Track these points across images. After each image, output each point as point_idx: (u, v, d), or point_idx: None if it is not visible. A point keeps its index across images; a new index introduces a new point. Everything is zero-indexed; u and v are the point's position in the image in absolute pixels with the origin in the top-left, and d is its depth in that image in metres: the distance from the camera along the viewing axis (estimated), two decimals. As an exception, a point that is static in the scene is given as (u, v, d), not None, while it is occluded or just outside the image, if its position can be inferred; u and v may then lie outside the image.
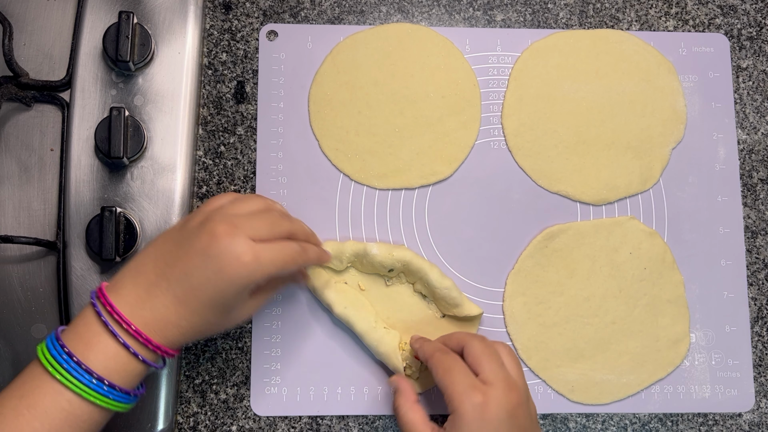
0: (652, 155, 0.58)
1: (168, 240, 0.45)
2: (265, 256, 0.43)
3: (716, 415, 0.55)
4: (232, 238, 0.42)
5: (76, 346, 0.41)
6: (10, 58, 0.53)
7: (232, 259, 0.42)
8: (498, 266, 0.56)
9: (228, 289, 0.43)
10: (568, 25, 0.60)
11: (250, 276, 0.43)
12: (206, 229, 0.43)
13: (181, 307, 0.42)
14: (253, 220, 0.44)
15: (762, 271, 0.57)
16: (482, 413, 0.43)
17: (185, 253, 0.43)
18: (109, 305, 0.42)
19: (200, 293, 0.42)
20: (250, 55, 0.58)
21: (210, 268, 0.42)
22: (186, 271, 0.42)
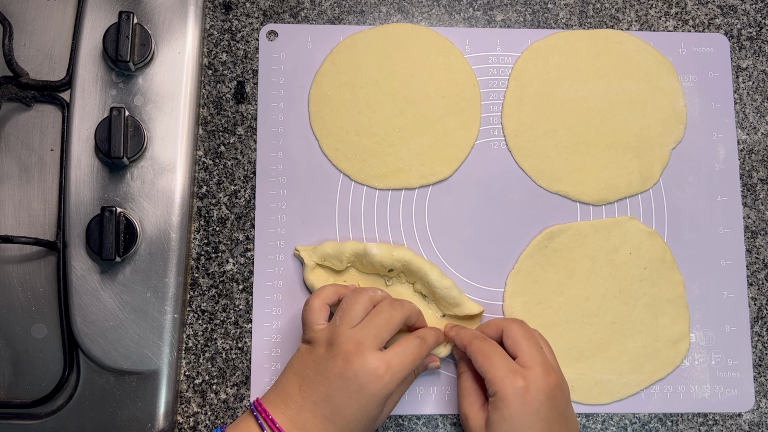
0: (652, 155, 0.58)
1: (304, 362, 0.48)
2: (395, 362, 0.47)
3: (716, 415, 0.55)
4: (363, 356, 0.46)
5: None
6: (10, 58, 0.53)
7: (369, 376, 0.46)
8: (498, 266, 0.56)
9: (370, 404, 0.46)
10: (568, 25, 0.60)
11: (387, 386, 0.46)
12: (337, 354, 0.46)
13: (329, 425, 0.46)
14: (371, 328, 0.47)
15: (762, 271, 0.57)
16: (523, 396, 0.46)
17: (324, 378, 0.46)
18: (270, 421, 0.46)
19: (346, 411, 0.46)
20: (250, 55, 0.58)
21: (351, 389, 0.46)
22: (329, 394, 0.46)
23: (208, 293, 0.55)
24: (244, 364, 0.55)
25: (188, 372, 0.54)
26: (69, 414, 0.52)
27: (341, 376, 0.46)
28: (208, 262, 0.56)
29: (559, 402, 0.47)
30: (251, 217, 0.56)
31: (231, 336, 0.55)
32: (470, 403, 0.50)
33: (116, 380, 0.52)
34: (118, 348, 0.52)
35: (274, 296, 0.55)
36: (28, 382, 0.53)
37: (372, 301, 0.49)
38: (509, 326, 0.50)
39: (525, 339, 0.49)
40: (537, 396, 0.46)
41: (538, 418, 0.45)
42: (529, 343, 0.49)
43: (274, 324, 0.55)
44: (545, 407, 0.46)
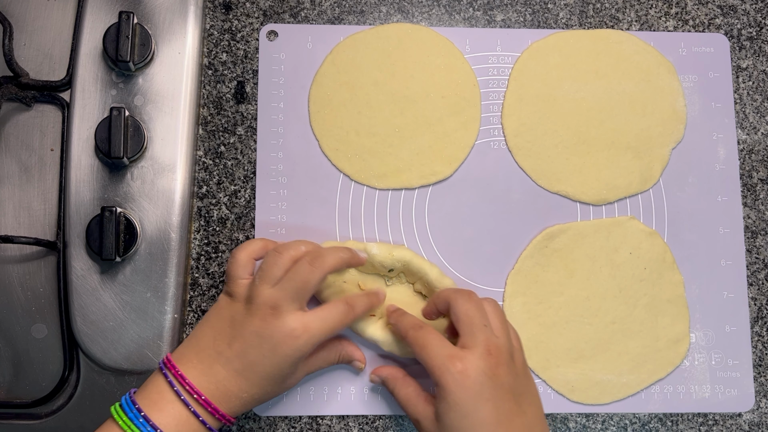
0: (652, 155, 0.58)
1: (221, 316, 0.48)
2: (314, 327, 0.47)
3: (716, 415, 0.55)
4: (280, 317, 0.46)
5: (147, 408, 0.45)
6: (10, 58, 0.53)
7: (285, 337, 0.46)
8: (498, 266, 0.56)
9: (283, 363, 0.47)
10: (568, 25, 0.60)
11: (302, 348, 0.47)
12: (254, 313, 0.47)
13: (242, 380, 0.46)
14: (289, 290, 0.47)
15: (762, 271, 0.57)
16: (463, 381, 0.45)
17: (240, 335, 0.47)
18: (180, 376, 0.46)
19: (258, 368, 0.46)
20: (250, 55, 0.58)
21: (265, 347, 0.46)
22: (243, 350, 0.46)
23: (208, 293, 0.55)
24: (244, 364, 0.55)
25: (188, 372, 0.54)
26: (69, 414, 0.52)
27: (257, 334, 0.46)
28: (208, 262, 0.56)
29: (503, 380, 0.45)
30: (251, 217, 0.56)
31: (231, 336, 0.55)
32: (415, 406, 0.48)
33: (116, 380, 0.52)
34: (118, 348, 0.52)
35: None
36: (28, 382, 0.53)
37: (292, 260, 0.49)
38: (454, 302, 0.48)
39: (467, 316, 0.47)
40: (477, 378, 0.45)
41: (483, 399, 0.44)
42: (471, 321, 0.47)
43: (274, 324, 0.55)
44: (488, 388, 0.45)
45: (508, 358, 0.47)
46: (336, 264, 0.50)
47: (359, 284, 0.55)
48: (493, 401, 0.45)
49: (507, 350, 0.47)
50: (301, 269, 0.48)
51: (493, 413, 0.44)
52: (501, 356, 0.46)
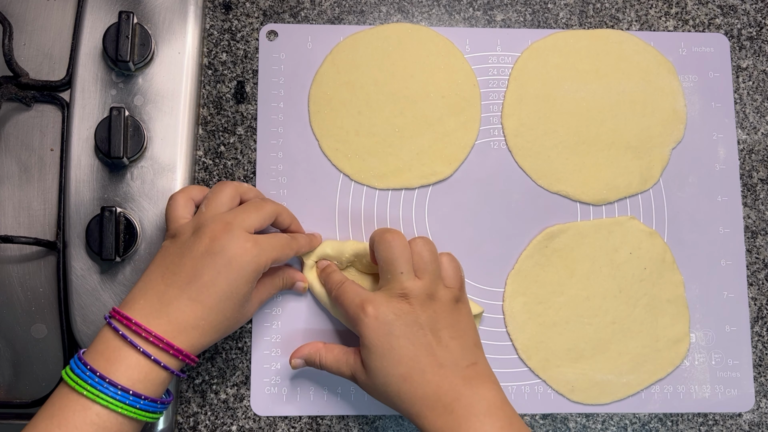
0: (652, 155, 0.58)
1: (167, 254, 0.47)
2: (264, 242, 0.47)
3: (716, 415, 0.55)
4: (231, 232, 0.45)
5: (98, 363, 0.43)
6: (10, 58, 0.53)
7: (237, 249, 0.45)
8: (498, 266, 0.56)
9: (239, 278, 0.45)
10: (568, 25, 0.60)
11: (256, 261, 0.46)
12: (204, 233, 0.46)
13: (197, 306, 0.44)
14: (240, 212, 0.47)
15: (762, 271, 0.57)
16: (373, 322, 0.46)
17: (190, 258, 0.45)
18: (125, 319, 0.43)
19: (214, 288, 0.44)
20: (250, 55, 0.58)
21: (219, 262, 0.45)
22: (195, 272, 0.45)
23: (208, 293, 0.55)
24: (244, 364, 0.55)
25: (188, 372, 0.54)
26: (69, 414, 0.52)
27: (208, 252, 0.45)
28: (208, 262, 0.56)
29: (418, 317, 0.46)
30: (251, 217, 0.56)
31: (231, 336, 0.55)
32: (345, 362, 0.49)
33: (116, 380, 0.52)
34: (118, 348, 0.52)
35: (274, 297, 0.55)
36: (28, 382, 0.53)
37: (238, 192, 0.49)
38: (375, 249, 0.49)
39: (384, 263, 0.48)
40: (386, 317, 0.46)
41: (394, 336, 0.45)
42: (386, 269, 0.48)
43: (274, 324, 0.55)
44: (399, 325, 0.46)
45: (425, 298, 0.47)
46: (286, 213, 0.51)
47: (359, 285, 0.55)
48: (406, 337, 0.46)
49: (424, 291, 0.47)
50: (254, 200, 0.49)
51: (409, 349, 0.45)
52: (416, 297, 0.47)
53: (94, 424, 0.41)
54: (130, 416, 0.42)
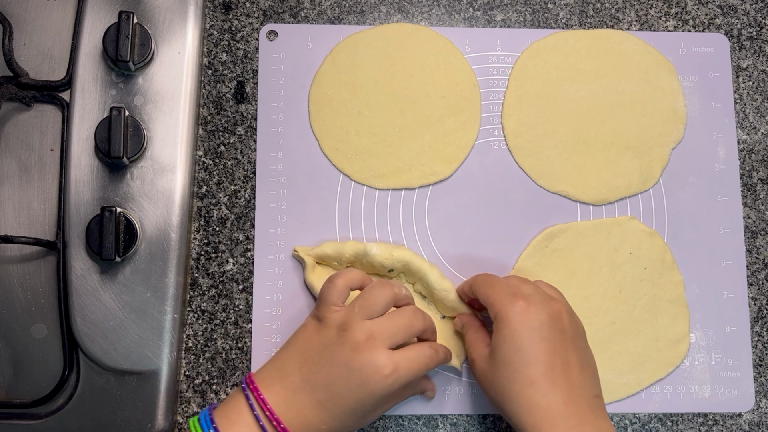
0: (652, 155, 0.58)
1: (309, 345, 0.47)
2: (403, 366, 0.46)
3: (716, 415, 0.55)
4: (373, 351, 0.45)
5: (224, 427, 0.45)
6: (10, 58, 0.53)
7: (374, 373, 0.45)
8: (498, 266, 0.56)
9: (368, 400, 0.45)
10: (568, 25, 0.60)
11: (390, 387, 0.45)
12: (347, 341, 0.45)
13: (323, 411, 0.45)
14: (389, 326, 0.46)
15: (762, 271, 0.57)
16: (524, 314, 0.45)
17: (328, 363, 0.46)
18: (262, 401, 0.45)
19: (342, 402, 0.45)
20: (250, 55, 0.58)
21: (353, 380, 0.45)
22: (330, 380, 0.45)
23: (208, 293, 0.55)
24: (244, 364, 0.55)
25: (188, 372, 0.54)
26: (69, 414, 0.52)
27: (346, 366, 0.45)
28: (208, 262, 0.56)
29: (565, 325, 0.46)
30: (251, 217, 0.56)
31: (231, 336, 0.55)
32: (476, 347, 0.48)
33: (116, 380, 0.52)
34: (118, 348, 0.52)
35: (274, 296, 0.55)
36: (28, 382, 0.53)
37: (395, 298, 0.48)
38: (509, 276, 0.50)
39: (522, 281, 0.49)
40: (538, 315, 0.45)
41: (540, 337, 0.44)
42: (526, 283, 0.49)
43: (274, 324, 0.55)
44: (548, 327, 0.45)
45: (571, 311, 0.48)
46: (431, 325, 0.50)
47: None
48: (551, 342, 0.44)
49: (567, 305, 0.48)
50: (407, 312, 0.48)
51: (549, 355, 0.44)
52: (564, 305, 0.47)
53: None
54: None
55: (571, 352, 0.45)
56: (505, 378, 0.45)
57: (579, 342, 0.47)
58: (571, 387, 0.44)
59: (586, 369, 0.46)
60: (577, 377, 0.45)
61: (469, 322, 0.52)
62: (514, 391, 0.44)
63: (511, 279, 0.50)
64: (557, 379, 0.44)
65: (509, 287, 0.48)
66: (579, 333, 0.48)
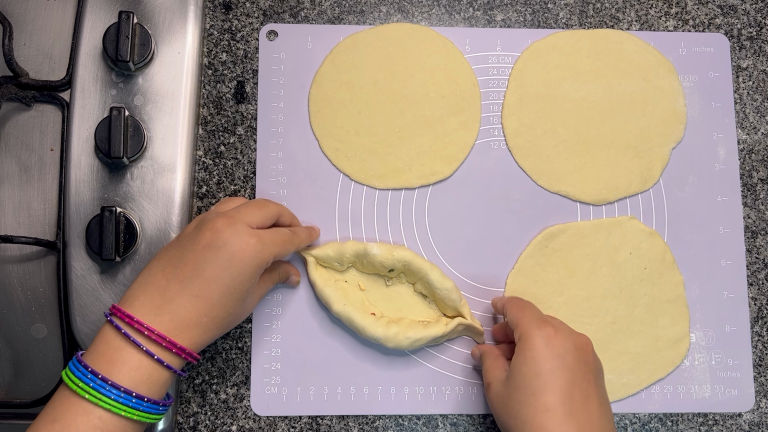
0: (652, 155, 0.58)
1: (169, 249, 0.46)
2: (266, 237, 0.46)
3: (716, 415, 0.55)
4: (234, 226, 0.45)
5: (99, 365, 0.41)
6: (10, 58, 0.53)
7: (240, 243, 0.44)
8: (498, 266, 0.56)
9: (242, 273, 0.44)
10: (568, 25, 0.60)
11: (259, 256, 0.45)
12: (206, 227, 0.45)
13: (199, 302, 0.43)
14: (243, 208, 0.48)
15: (762, 271, 0.57)
16: (549, 340, 0.45)
17: (192, 252, 0.44)
18: (127, 317, 0.42)
19: (216, 284, 0.44)
20: (250, 55, 0.58)
21: (221, 257, 0.44)
22: (197, 267, 0.44)
23: (208, 293, 0.55)
24: (244, 364, 0.55)
25: (188, 371, 0.54)
26: (69, 414, 0.52)
27: (210, 246, 0.44)
28: (208, 262, 0.56)
29: (589, 359, 0.45)
30: (251, 217, 0.56)
31: (231, 336, 0.55)
32: (493, 372, 0.48)
33: (116, 380, 0.52)
34: (118, 348, 0.52)
35: (274, 296, 0.55)
36: (28, 382, 0.53)
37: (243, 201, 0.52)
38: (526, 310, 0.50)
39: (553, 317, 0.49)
40: (564, 342, 0.44)
41: (563, 364, 0.43)
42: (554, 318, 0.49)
43: (274, 324, 0.55)
44: (572, 356, 0.44)
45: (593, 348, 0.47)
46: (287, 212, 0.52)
47: (359, 284, 0.55)
48: (573, 372, 0.44)
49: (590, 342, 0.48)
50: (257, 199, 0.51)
51: (568, 384, 0.43)
52: (590, 343, 0.47)
53: (96, 428, 0.41)
54: (134, 419, 0.42)
55: (593, 386, 0.44)
56: (521, 401, 0.44)
57: (600, 380, 0.47)
58: (588, 420, 0.43)
59: (605, 407, 0.45)
60: (595, 413, 0.44)
61: (488, 350, 0.52)
62: (529, 416, 0.43)
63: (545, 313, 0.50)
64: (575, 410, 0.43)
65: (541, 315, 0.48)
66: (601, 371, 0.47)
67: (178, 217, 0.54)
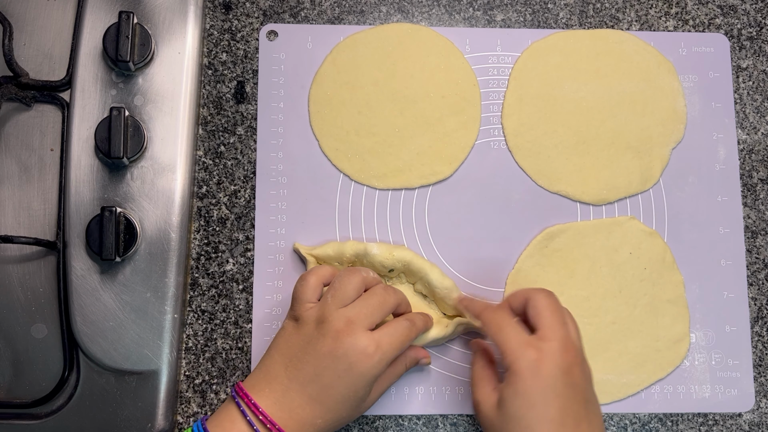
0: (652, 155, 0.58)
1: (291, 342, 0.48)
2: (385, 342, 0.46)
3: (716, 415, 0.55)
4: (353, 335, 0.46)
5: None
6: (10, 58, 0.53)
7: (359, 354, 0.45)
8: (498, 266, 0.56)
9: (359, 383, 0.46)
10: (568, 25, 0.60)
11: (377, 365, 0.46)
12: (327, 332, 0.46)
13: (316, 406, 0.46)
14: (364, 309, 0.47)
15: (762, 271, 0.57)
16: (537, 369, 0.44)
17: (313, 357, 0.46)
18: (253, 405, 0.45)
19: (333, 391, 0.46)
20: (250, 55, 0.58)
21: (340, 367, 0.45)
22: (317, 373, 0.46)
23: (208, 293, 0.55)
24: (244, 364, 0.55)
25: (188, 372, 0.54)
26: (69, 414, 0.52)
27: (331, 355, 0.45)
28: (208, 262, 0.56)
29: (576, 379, 0.45)
30: (251, 217, 0.56)
31: (231, 336, 0.55)
32: (482, 388, 0.47)
33: (116, 380, 0.52)
34: (118, 348, 0.52)
35: (274, 296, 0.55)
36: (28, 382, 0.53)
37: (364, 282, 0.49)
38: (535, 296, 0.47)
39: (548, 311, 0.46)
40: (552, 370, 0.44)
41: (554, 393, 0.43)
42: (552, 316, 0.46)
43: (274, 324, 0.55)
44: (561, 383, 0.44)
45: (583, 360, 0.46)
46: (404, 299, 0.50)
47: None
48: (564, 399, 0.44)
49: (581, 353, 0.46)
50: (378, 291, 0.48)
51: (561, 412, 0.43)
52: (577, 356, 0.46)
53: None
54: None
55: (581, 407, 0.44)
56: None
57: (588, 393, 0.46)
58: None
59: (595, 420, 0.45)
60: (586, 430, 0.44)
61: (478, 354, 0.51)
62: None
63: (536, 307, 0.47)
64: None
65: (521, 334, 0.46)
66: (588, 381, 0.47)
67: (178, 217, 0.54)
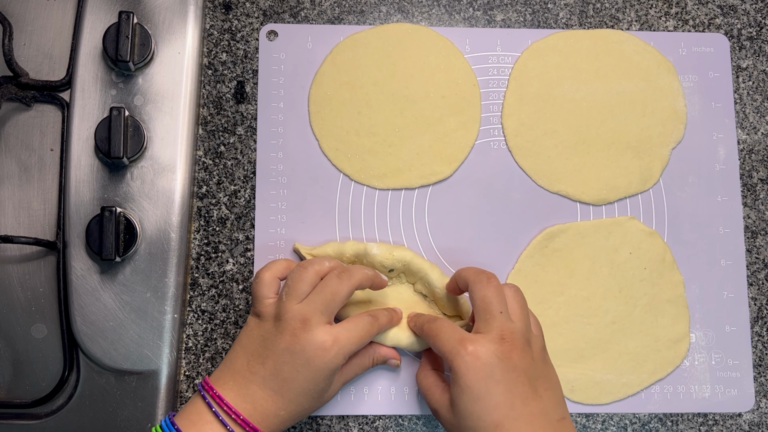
0: (652, 155, 0.58)
1: (252, 340, 0.49)
2: (343, 337, 0.47)
3: (716, 415, 0.55)
4: (309, 331, 0.47)
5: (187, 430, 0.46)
6: (10, 58, 0.53)
7: (316, 350, 0.47)
8: (498, 266, 0.56)
9: (318, 376, 0.47)
10: (568, 25, 0.60)
11: (335, 359, 0.47)
12: (284, 328, 0.47)
13: (278, 398, 0.47)
14: (318, 303, 0.48)
15: (762, 271, 0.57)
16: (474, 362, 0.45)
17: (272, 353, 0.47)
18: (218, 398, 0.47)
19: (293, 384, 0.47)
20: (250, 55, 0.58)
21: (298, 362, 0.47)
22: (276, 368, 0.47)
23: (208, 293, 0.55)
24: (244, 364, 0.55)
25: (188, 372, 0.54)
26: (69, 414, 0.52)
27: (288, 350, 0.47)
28: (208, 262, 0.56)
29: (517, 363, 0.45)
30: (251, 217, 0.56)
31: (231, 336, 0.55)
32: (433, 394, 0.49)
33: (116, 380, 0.52)
34: (118, 348, 0.52)
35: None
36: (28, 382, 0.53)
37: (318, 275, 0.49)
38: (472, 287, 0.49)
39: (483, 303, 0.47)
40: (488, 360, 0.45)
41: (494, 381, 0.44)
42: (486, 309, 0.47)
43: (274, 324, 0.55)
44: (500, 369, 0.45)
45: (524, 343, 0.47)
46: (362, 279, 0.50)
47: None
48: (506, 383, 0.45)
49: (522, 335, 0.47)
50: (329, 282, 0.48)
51: (506, 396, 0.44)
52: (515, 341, 0.46)
53: None
54: None
55: (527, 387, 0.45)
56: (471, 427, 0.45)
57: (533, 372, 0.46)
58: (532, 418, 0.45)
59: (545, 395, 0.46)
60: (536, 407, 0.45)
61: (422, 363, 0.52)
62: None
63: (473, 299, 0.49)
64: (519, 416, 0.44)
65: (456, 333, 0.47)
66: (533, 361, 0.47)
67: (178, 217, 0.54)
